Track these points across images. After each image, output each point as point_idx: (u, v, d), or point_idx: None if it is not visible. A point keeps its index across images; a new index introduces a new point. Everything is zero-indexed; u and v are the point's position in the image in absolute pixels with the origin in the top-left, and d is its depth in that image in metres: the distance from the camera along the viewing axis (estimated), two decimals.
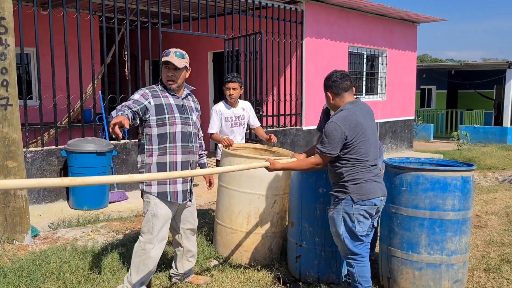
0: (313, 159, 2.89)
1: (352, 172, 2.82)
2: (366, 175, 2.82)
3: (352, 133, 2.78)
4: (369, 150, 2.84)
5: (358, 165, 2.82)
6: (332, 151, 2.79)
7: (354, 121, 2.80)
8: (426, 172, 3.06)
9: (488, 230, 4.94)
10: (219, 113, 4.36)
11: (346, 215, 2.84)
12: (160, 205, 2.93)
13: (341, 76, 2.92)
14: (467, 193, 3.09)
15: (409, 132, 11.19)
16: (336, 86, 2.92)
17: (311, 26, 8.39)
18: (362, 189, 2.81)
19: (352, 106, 2.88)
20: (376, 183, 2.85)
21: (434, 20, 10.61)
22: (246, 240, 3.71)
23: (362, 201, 2.80)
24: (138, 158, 3.01)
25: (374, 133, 2.93)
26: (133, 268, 2.97)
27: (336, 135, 2.77)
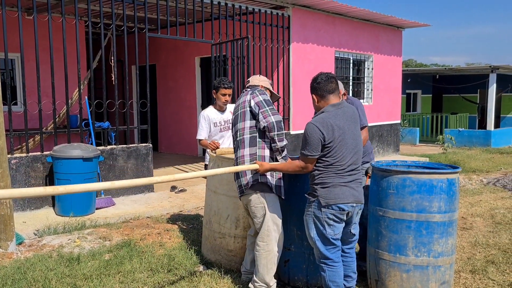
0: (298, 161, 2.90)
1: (323, 176, 2.81)
2: (336, 180, 2.80)
3: (329, 136, 2.77)
4: (345, 155, 2.81)
5: (330, 169, 2.80)
6: (313, 152, 2.79)
7: (332, 123, 2.79)
8: (412, 175, 3.10)
9: (473, 232, 5.01)
10: (207, 118, 4.36)
11: (316, 218, 2.84)
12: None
13: (326, 78, 2.92)
14: (452, 195, 3.13)
15: (396, 136, 11.31)
16: (320, 88, 2.91)
17: (298, 31, 8.45)
18: (330, 193, 2.79)
19: (334, 108, 2.87)
20: (347, 189, 2.81)
21: (418, 25, 10.78)
22: (235, 244, 3.70)
23: (329, 206, 2.79)
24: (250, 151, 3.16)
25: (355, 138, 2.89)
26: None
27: (315, 136, 2.77)
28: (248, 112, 3.15)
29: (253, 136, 3.15)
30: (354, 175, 2.87)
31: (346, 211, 2.82)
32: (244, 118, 3.17)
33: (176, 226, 4.88)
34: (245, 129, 3.16)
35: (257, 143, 3.14)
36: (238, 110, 3.24)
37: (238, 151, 3.21)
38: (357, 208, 2.90)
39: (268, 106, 3.09)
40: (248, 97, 3.18)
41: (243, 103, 3.20)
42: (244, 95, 3.26)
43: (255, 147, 3.13)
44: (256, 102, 3.11)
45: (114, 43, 6.19)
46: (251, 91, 3.20)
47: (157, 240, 4.34)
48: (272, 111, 3.07)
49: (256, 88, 3.24)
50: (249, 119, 3.14)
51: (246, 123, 3.15)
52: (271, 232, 3.13)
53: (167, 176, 2.67)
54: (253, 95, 3.16)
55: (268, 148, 3.15)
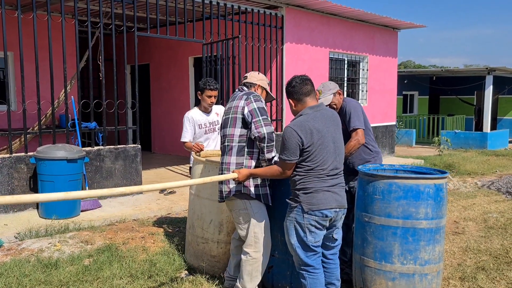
0: (277, 166, 2.79)
1: (305, 181, 2.71)
2: (319, 185, 2.70)
3: (308, 140, 2.67)
4: (326, 159, 2.71)
5: (311, 174, 2.70)
6: (291, 157, 2.69)
7: (311, 127, 2.68)
8: (398, 180, 3.00)
9: (465, 237, 4.91)
10: (191, 120, 4.25)
11: (298, 224, 2.73)
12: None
13: (300, 80, 2.81)
14: (440, 201, 3.03)
15: (391, 137, 11.22)
16: (296, 92, 2.81)
17: (292, 31, 8.35)
18: (313, 198, 2.69)
19: (312, 111, 2.76)
20: (330, 194, 2.72)
21: (414, 26, 10.69)
22: (218, 250, 3.59)
23: (312, 211, 2.69)
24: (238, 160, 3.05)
25: (336, 141, 2.79)
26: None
27: (292, 140, 2.66)
28: (240, 119, 3.00)
29: (241, 145, 3.02)
30: (337, 179, 2.78)
31: (330, 217, 2.73)
32: (235, 124, 3.02)
33: (161, 229, 4.77)
34: (234, 136, 3.02)
35: (245, 153, 3.01)
36: (229, 112, 3.08)
37: (224, 157, 3.08)
38: (340, 213, 2.81)
39: (262, 115, 2.94)
40: (242, 102, 3.01)
41: (236, 108, 3.03)
42: (238, 97, 3.08)
43: (242, 157, 3.01)
44: (249, 110, 2.96)
45: (101, 42, 6.08)
46: (246, 96, 3.04)
47: (140, 245, 4.23)
48: (265, 121, 2.93)
49: (251, 93, 3.07)
50: (240, 126, 3.00)
51: (236, 130, 3.01)
52: (259, 239, 3.03)
53: (135, 187, 2.51)
54: (248, 102, 3.00)
55: (255, 158, 3.03)
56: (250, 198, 3.02)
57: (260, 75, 3.26)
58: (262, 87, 3.23)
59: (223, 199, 3.08)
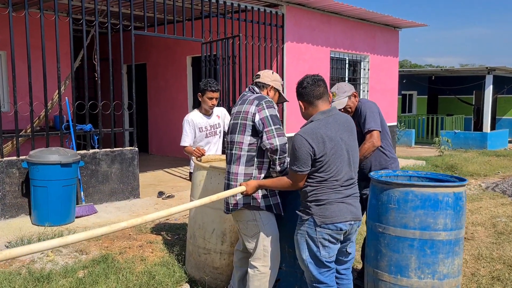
0: (287, 178, 2.59)
1: (317, 192, 2.50)
2: (333, 196, 2.50)
3: (320, 149, 2.45)
4: (340, 169, 2.51)
5: (324, 185, 2.49)
6: (302, 168, 2.47)
7: (323, 134, 2.47)
8: (415, 188, 2.80)
9: (475, 243, 4.74)
10: (191, 123, 4.04)
11: (309, 238, 2.52)
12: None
13: (312, 81, 2.58)
14: (459, 211, 2.84)
15: (392, 138, 11.03)
16: (307, 94, 2.58)
17: (292, 30, 8.16)
18: (327, 211, 2.48)
19: (324, 116, 2.54)
20: (345, 205, 2.52)
21: (415, 25, 10.53)
22: (221, 261, 3.39)
23: (325, 225, 2.48)
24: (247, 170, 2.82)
25: (351, 149, 2.57)
26: None
27: (303, 150, 2.45)
28: (250, 126, 2.75)
29: (251, 155, 2.78)
30: (351, 189, 2.58)
31: (344, 230, 2.53)
32: (244, 131, 2.77)
33: (160, 237, 4.57)
34: (243, 145, 2.78)
35: (255, 162, 2.78)
36: (239, 118, 2.82)
37: (231, 166, 2.84)
38: (355, 225, 2.61)
39: (275, 125, 2.68)
40: (253, 108, 2.74)
41: (246, 114, 2.77)
42: (248, 101, 2.80)
43: (251, 167, 2.78)
44: (261, 118, 2.69)
45: (97, 40, 5.86)
46: (257, 101, 2.77)
47: (138, 254, 4.02)
48: (278, 131, 2.67)
49: (263, 97, 2.79)
50: (250, 134, 2.76)
51: (246, 138, 2.77)
52: (268, 252, 2.81)
53: (134, 220, 2.26)
54: (259, 108, 2.73)
55: (266, 169, 2.80)
56: (260, 209, 2.81)
57: (274, 75, 3.00)
58: (275, 88, 2.97)
59: (229, 211, 2.87)
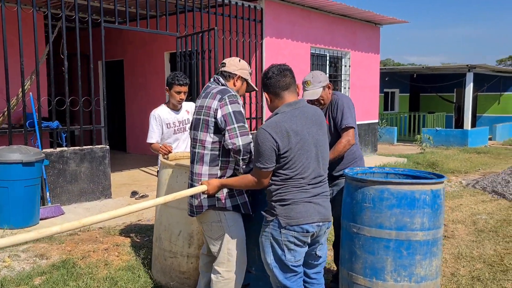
0: (251, 176, 2.39)
1: (282, 191, 2.31)
2: (299, 196, 2.30)
3: (284, 144, 2.26)
4: (307, 165, 2.31)
5: (290, 183, 2.30)
6: (267, 164, 2.28)
7: (288, 128, 2.28)
8: (391, 186, 2.64)
9: (455, 242, 4.63)
10: (158, 119, 3.82)
11: (274, 241, 2.33)
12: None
13: (278, 71, 2.38)
14: (437, 209, 2.69)
15: (373, 135, 10.97)
16: (273, 85, 2.38)
17: (271, 25, 7.97)
18: (292, 211, 2.29)
19: (290, 109, 2.35)
20: (312, 205, 2.32)
21: (396, 21, 10.45)
22: (188, 265, 3.19)
23: (290, 226, 2.29)
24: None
25: (319, 144, 2.38)
26: None
27: (267, 145, 2.26)
28: (212, 123, 2.54)
29: (215, 154, 2.57)
30: (319, 188, 2.38)
31: (311, 232, 2.34)
32: (206, 128, 2.56)
33: (128, 239, 4.33)
34: (206, 143, 2.57)
35: (219, 162, 2.58)
36: (201, 113, 2.61)
37: (195, 166, 2.63)
38: (324, 227, 2.41)
39: (238, 122, 2.48)
40: (215, 104, 2.53)
41: (208, 109, 2.56)
42: (211, 95, 2.58)
43: (216, 167, 2.58)
44: (223, 115, 2.49)
45: (64, 34, 5.57)
46: (220, 96, 2.55)
47: (102, 258, 3.79)
48: (241, 130, 2.47)
49: (226, 92, 2.57)
50: (212, 132, 2.55)
51: (208, 136, 2.56)
52: (233, 256, 2.62)
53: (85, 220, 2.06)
54: (222, 103, 2.52)
55: (232, 168, 2.60)
56: (226, 210, 2.61)
57: (241, 62, 2.78)
58: (242, 78, 2.76)
59: (194, 213, 2.67)
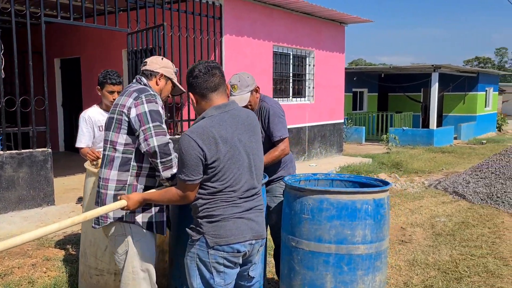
0: (175, 189, 2.10)
1: (210, 207, 2.04)
2: (229, 211, 2.04)
3: (212, 152, 1.99)
4: (239, 177, 2.05)
5: (219, 198, 2.04)
6: (192, 176, 2.00)
7: (216, 134, 2.01)
8: (330, 195, 2.42)
9: (412, 247, 4.49)
10: (89, 121, 3.50)
11: (201, 263, 2.05)
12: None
13: (206, 69, 2.09)
14: (381, 220, 2.49)
15: (339, 136, 10.86)
16: (199, 85, 2.09)
17: (231, 22, 7.70)
18: (221, 229, 2.02)
19: (219, 112, 2.07)
20: (244, 221, 2.06)
21: (360, 21, 10.36)
22: (115, 283, 2.87)
23: (219, 246, 2.02)
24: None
25: (252, 152, 2.12)
26: None
27: (191, 154, 1.98)
28: (125, 123, 2.27)
29: (127, 157, 2.29)
30: (252, 201, 2.11)
31: (243, 252, 2.07)
32: (119, 128, 2.29)
33: (62, 252, 3.98)
34: (117, 145, 2.29)
35: (131, 167, 2.29)
36: (115, 112, 2.34)
37: (103, 170, 2.35)
38: (258, 245, 2.14)
39: (153, 122, 2.22)
40: (130, 102, 2.27)
41: (122, 107, 2.29)
42: (127, 93, 2.33)
43: (126, 173, 2.29)
44: (137, 114, 2.23)
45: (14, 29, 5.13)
46: (136, 94, 2.29)
47: (27, 275, 3.43)
48: (156, 129, 2.21)
49: (144, 90, 2.32)
50: (126, 133, 2.27)
51: (121, 137, 2.28)
52: (139, 275, 2.33)
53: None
54: (137, 102, 2.25)
55: (145, 176, 2.31)
56: (134, 224, 2.33)
57: (164, 61, 2.52)
58: (166, 77, 2.49)
59: (98, 224, 2.37)
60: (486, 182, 6.87)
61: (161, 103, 2.34)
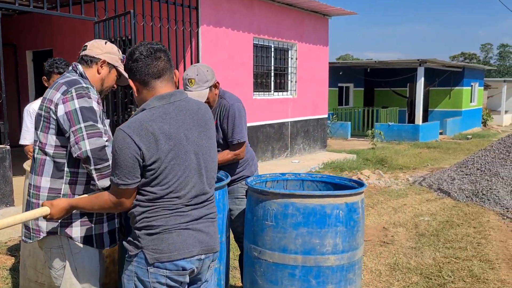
0: (108, 194, 1.76)
1: (149, 216, 1.71)
2: (172, 221, 1.71)
3: (151, 151, 1.66)
4: (185, 181, 1.73)
5: (160, 205, 1.71)
6: (127, 180, 1.67)
7: (156, 130, 1.66)
8: (296, 199, 2.12)
9: (394, 249, 4.23)
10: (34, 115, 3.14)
11: (140, 283, 1.72)
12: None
13: (148, 52, 1.74)
14: (354, 226, 2.20)
15: (323, 131, 10.59)
16: (140, 70, 1.75)
17: (209, 12, 7.34)
18: (162, 243, 1.70)
19: (162, 103, 1.73)
20: (191, 233, 1.74)
21: (344, 13, 10.09)
22: None
23: (160, 263, 1.69)
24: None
25: (205, 151, 1.80)
26: None
27: (126, 153, 1.65)
28: (53, 121, 1.92)
29: (59, 162, 1.94)
30: (203, 209, 1.79)
31: (189, 270, 1.75)
32: (47, 128, 1.94)
33: (13, 259, 3.62)
34: (46, 147, 1.94)
35: (65, 174, 1.95)
36: (42, 108, 1.98)
37: (33, 176, 2.00)
38: (208, 260, 1.82)
39: (85, 121, 1.87)
40: (57, 96, 1.91)
41: (50, 103, 1.93)
42: (55, 86, 1.96)
43: (60, 180, 1.94)
44: (66, 112, 1.88)
45: None
46: (66, 87, 1.93)
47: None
48: (89, 130, 1.86)
49: (75, 83, 1.95)
50: (54, 133, 1.93)
51: (49, 138, 1.93)
52: None
53: None
54: (66, 97, 1.90)
55: (83, 183, 1.98)
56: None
57: (108, 45, 2.14)
58: (110, 64, 2.12)
59: (30, 238, 2.04)
60: (472, 179, 6.66)
61: (96, 97, 1.98)
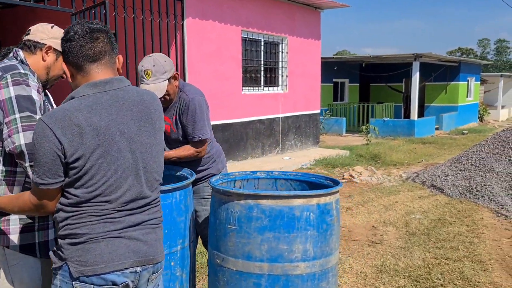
0: (29, 195, 1.52)
1: (72, 222, 1.48)
2: (100, 229, 1.48)
3: (75, 146, 1.43)
4: (117, 182, 1.49)
5: (86, 210, 1.47)
6: (46, 179, 1.44)
7: (82, 122, 1.42)
8: (262, 200, 1.90)
9: (382, 249, 4.02)
10: None
11: None
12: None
13: (84, 31, 1.48)
14: (327, 230, 1.98)
15: (315, 127, 10.37)
16: (73, 51, 1.49)
17: (194, 4, 7.10)
18: (87, 254, 1.47)
19: (95, 91, 1.49)
20: (123, 242, 1.50)
21: (337, 6, 9.86)
22: None
23: (86, 277, 1.46)
24: None
25: (144, 149, 1.55)
26: None
27: (45, 147, 1.41)
28: None
29: None
30: (141, 215, 1.55)
31: (122, 284, 1.50)
32: None
33: None
34: None
35: (0, 173, 1.74)
36: None
37: None
38: (147, 272, 1.56)
39: (21, 111, 1.65)
40: None
41: None
42: None
43: None
44: (0, 101, 1.67)
45: None
46: (1, 72, 1.71)
47: None
48: (25, 122, 1.64)
49: (11, 69, 1.73)
50: None
51: None
52: None
53: None
54: (0, 84, 1.69)
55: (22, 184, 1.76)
56: (9, 243, 1.78)
57: (55, 29, 1.91)
58: (57, 50, 1.88)
59: None
60: (466, 175, 6.46)
61: (36, 86, 1.75)
